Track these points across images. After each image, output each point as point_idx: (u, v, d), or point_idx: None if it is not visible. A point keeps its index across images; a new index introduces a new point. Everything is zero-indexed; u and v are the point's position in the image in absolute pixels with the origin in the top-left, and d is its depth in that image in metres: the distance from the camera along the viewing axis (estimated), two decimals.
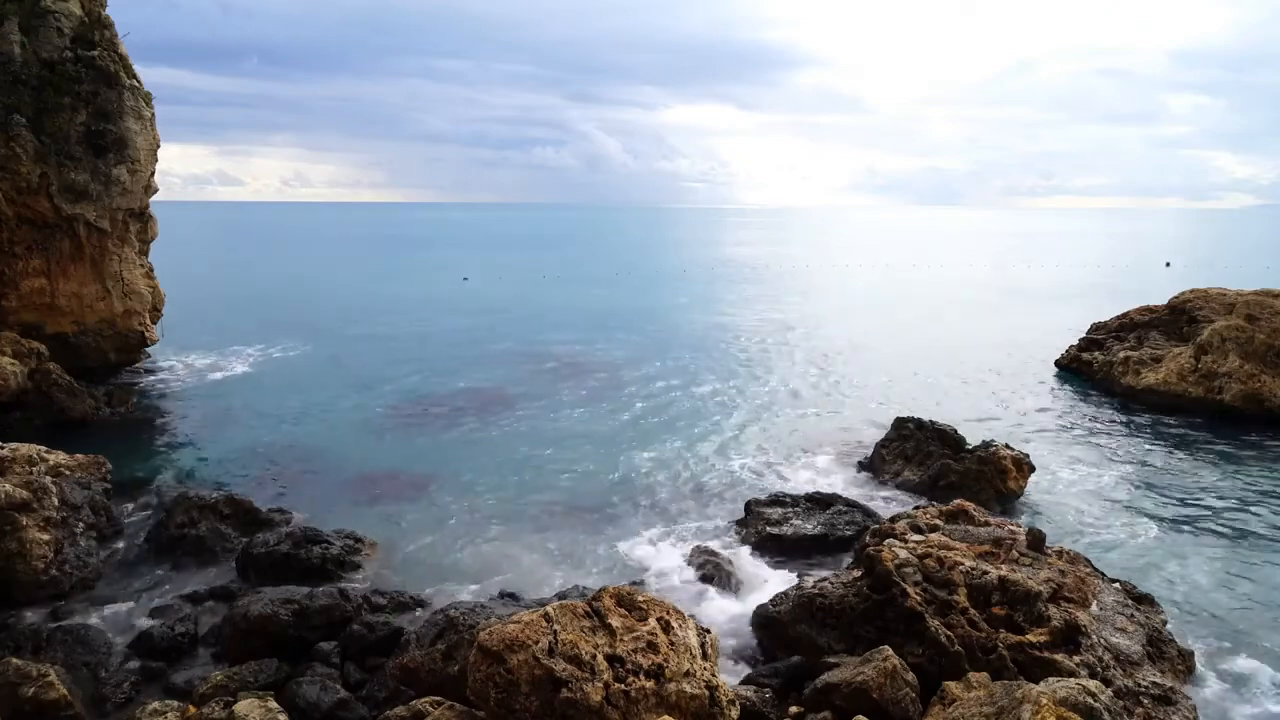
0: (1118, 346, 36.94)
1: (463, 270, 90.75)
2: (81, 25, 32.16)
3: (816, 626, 14.52)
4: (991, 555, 15.05)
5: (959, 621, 13.45)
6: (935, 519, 16.99)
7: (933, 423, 24.55)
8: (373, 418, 30.55)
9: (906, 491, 22.79)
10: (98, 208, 32.12)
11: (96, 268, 33.20)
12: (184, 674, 14.20)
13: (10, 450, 18.22)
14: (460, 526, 20.54)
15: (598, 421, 30.18)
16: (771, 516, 20.08)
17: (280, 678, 13.75)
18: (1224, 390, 30.52)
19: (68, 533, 17.62)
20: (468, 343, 45.88)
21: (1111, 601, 14.75)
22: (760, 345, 45.75)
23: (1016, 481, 22.54)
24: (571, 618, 11.29)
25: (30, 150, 30.21)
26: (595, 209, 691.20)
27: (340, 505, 21.80)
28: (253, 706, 11.74)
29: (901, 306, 64.35)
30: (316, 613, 15.25)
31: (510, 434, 28.49)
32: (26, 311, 31.92)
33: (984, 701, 10.91)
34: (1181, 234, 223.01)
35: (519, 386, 35.31)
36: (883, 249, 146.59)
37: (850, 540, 18.87)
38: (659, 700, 10.69)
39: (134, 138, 32.69)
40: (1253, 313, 31.55)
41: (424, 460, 25.46)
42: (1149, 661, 13.52)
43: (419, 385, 35.65)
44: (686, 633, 11.70)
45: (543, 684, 10.45)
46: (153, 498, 21.97)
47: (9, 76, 30.19)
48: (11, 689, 12.35)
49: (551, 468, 25.04)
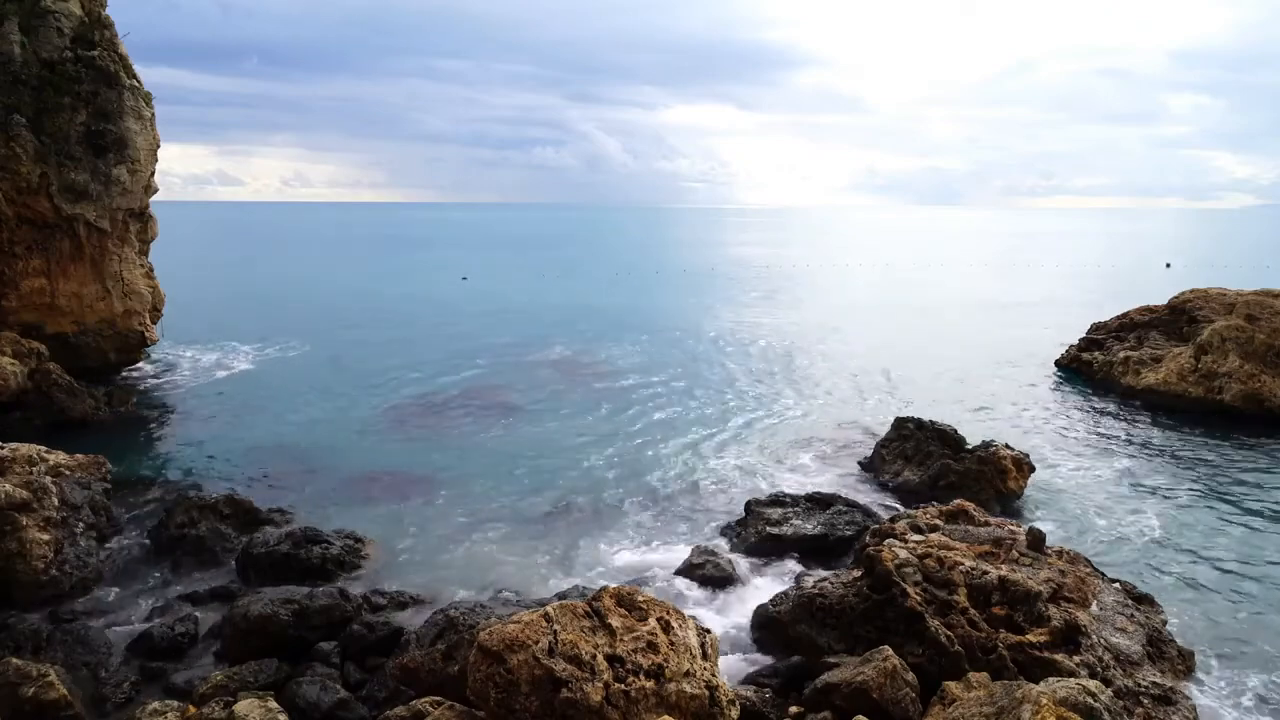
0: (1118, 346, 36.95)
1: (462, 270, 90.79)
2: (81, 25, 32.16)
3: (816, 626, 14.52)
4: (991, 555, 15.05)
5: (959, 621, 13.45)
6: (935, 519, 17.00)
7: (933, 423, 24.55)
8: (372, 417, 30.55)
9: (906, 491, 22.79)
10: (98, 208, 32.12)
11: (96, 268, 33.21)
12: (184, 674, 14.20)
13: (10, 450, 18.22)
14: (460, 526, 20.54)
15: (598, 421, 30.18)
16: (771, 516, 20.07)
17: (280, 678, 13.75)
18: (1224, 390, 30.53)
19: (68, 533, 17.61)
20: (468, 343, 45.87)
21: (1111, 601, 14.75)
22: (760, 345, 45.76)
23: (1016, 481, 22.53)
24: (571, 618, 11.29)
25: (30, 150, 30.21)
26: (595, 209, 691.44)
27: (340, 505, 21.80)
28: (253, 706, 11.74)
29: (902, 307, 64.35)
30: (316, 613, 15.25)
31: (510, 434, 28.49)
32: (26, 311, 31.93)
33: (984, 701, 10.91)
34: (1181, 234, 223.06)
35: (518, 386, 35.31)
36: (883, 249, 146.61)
37: (850, 540, 18.87)
38: (659, 700, 10.69)
39: (134, 138, 32.69)
40: (1253, 313, 31.55)
41: (424, 460, 25.46)
42: (1149, 661, 13.52)
43: (419, 385, 35.65)
44: (686, 633, 11.70)
45: (543, 684, 10.45)
46: (153, 498, 22.00)
47: (9, 76, 30.19)
48: (11, 689, 12.34)
49: (551, 468, 25.04)
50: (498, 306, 61.86)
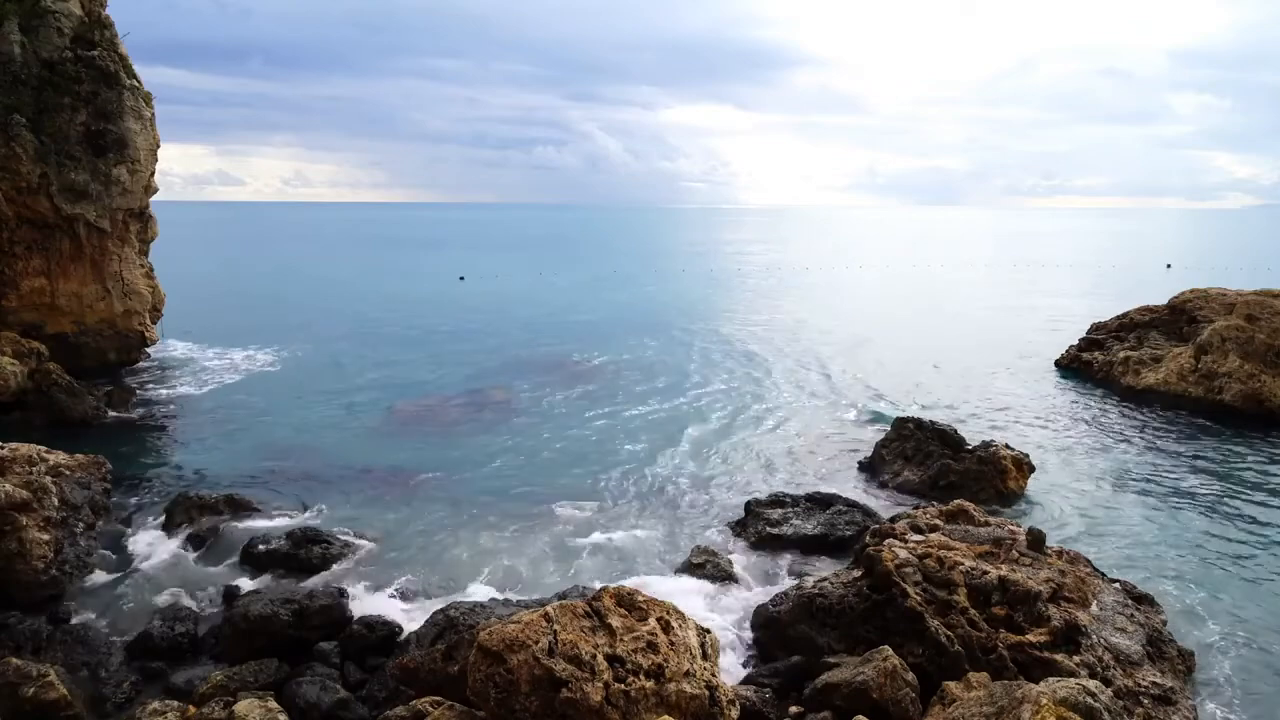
0: (1118, 346, 36.95)
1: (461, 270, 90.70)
2: (81, 25, 32.17)
3: (816, 626, 14.52)
4: (991, 555, 15.05)
5: (959, 621, 13.45)
6: (935, 519, 17.00)
7: (933, 423, 24.55)
8: (373, 417, 30.55)
9: (906, 491, 22.79)
10: (98, 208, 32.13)
11: (96, 268, 33.21)
12: (184, 674, 14.21)
13: (10, 450, 18.22)
14: (460, 526, 20.54)
15: (597, 421, 30.17)
16: (771, 516, 20.08)
17: (280, 678, 13.76)
18: (1224, 390, 30.53)
19: (68, 533, 17.62)
20: (467, 343, 45.88)
21: (1111, 601, 14.75)
22: (760, 345, 45.74)
23: (1016, 481, 22.53)
24: (571, 618, 11.29)
25: (30, 150, 30.22)
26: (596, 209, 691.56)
27: (340, 505, 21.79)
28: (253, 706, 11.74)
29: (902, 306, 64.38)
30: (316, 613, 15.26)
31: (510, 434, 28.48)
32: (27, 311, 31.94)
33: (984, 701, 10.91)
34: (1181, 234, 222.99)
35: (518, 387, 35.31)
36: (883, 249, 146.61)
37: (850, 540, 18.87)
38: (659, 700, 10.69)
39: (134, 138, 32.69)
40: (1253, 313, 31.54)
41: (424, 460, 25.45)
42: (1149, 661, 13.52)
43: (418, 385, 35.65)
44: (686, 633, 11.70)
45: (543, 684, 10.45)
46: (153, 498, 21.99)
47: (9, 76, 30.20)
48: (11, 689, 12.35)
49: (552, 468, 25.04)
50: (497, 307, 61.87)
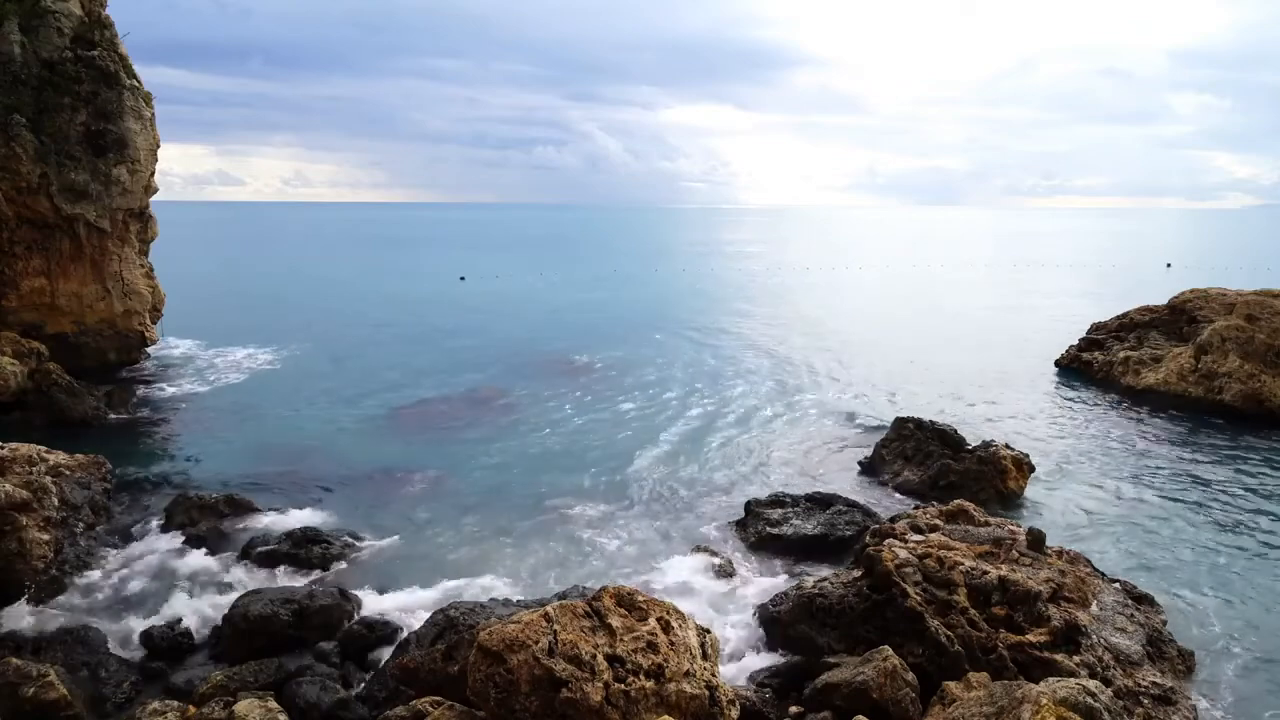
0: (1118, 346, 36.95)
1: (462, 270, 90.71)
2: (81, 25, 32.17)
3: (816, 626, 14.52)
4: (991, 555, 15.05)
5: (959, 621, 13.45)
6: (935, 519, 16.99)
7: (933, 423, 24.54)
8: (372, 417, 30.55)
9: (906, 491, 22.78)
10: (98, 208, 32.13)
11: (96, 268, 33.22)
12: (184, 674, 14.21)
13: (10, 450, 18.21)
14: (460, 526, 20.54)
15: (597, 421, 30.17)
16: (771, 516, 20.07)
17: (280, 678, 13.74)
18: (1224, 390, 30.53)
19: (68, 533, 17.62)
20: (467, 343, 45.88)
21: (1111, 601, 14.75)
22: (760, 345, 45.74)
23: (1016, 481, 22.53)
24: (571, 618, 11.28)
25: (30, 150, 30.22)
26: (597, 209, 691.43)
27: (340, 505, 21.80)
28: (253, 706, 11.74)
29: (902, 306, 64.37)
30: (316, 613, 15.26)
31: (510, 434, 28.48)
32: (27, 311, 31.95)
33: (984, 701, 10.91)
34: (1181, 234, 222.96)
35: (518, 386, 35.30)
36: (883, 249, 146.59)
37: (850, 540, 18.86)
38: (659, 700, 10.69)
39: (134, 138, 32.70)
40: (1253, 313, 31.54)
41: (423, 460, 25.45)
42: (1149, 661, 13.52)
43: (418, 385, 35.64)
44: (686, 633, 11.70)
45: (543, 684, 10.45)
46: (153, 498, 21.99)
47: (9, 76, 30.20)
48: (11, 689, 12.34)
49: (552, 468, 25.03)
50: (497, 306, 61.88)
